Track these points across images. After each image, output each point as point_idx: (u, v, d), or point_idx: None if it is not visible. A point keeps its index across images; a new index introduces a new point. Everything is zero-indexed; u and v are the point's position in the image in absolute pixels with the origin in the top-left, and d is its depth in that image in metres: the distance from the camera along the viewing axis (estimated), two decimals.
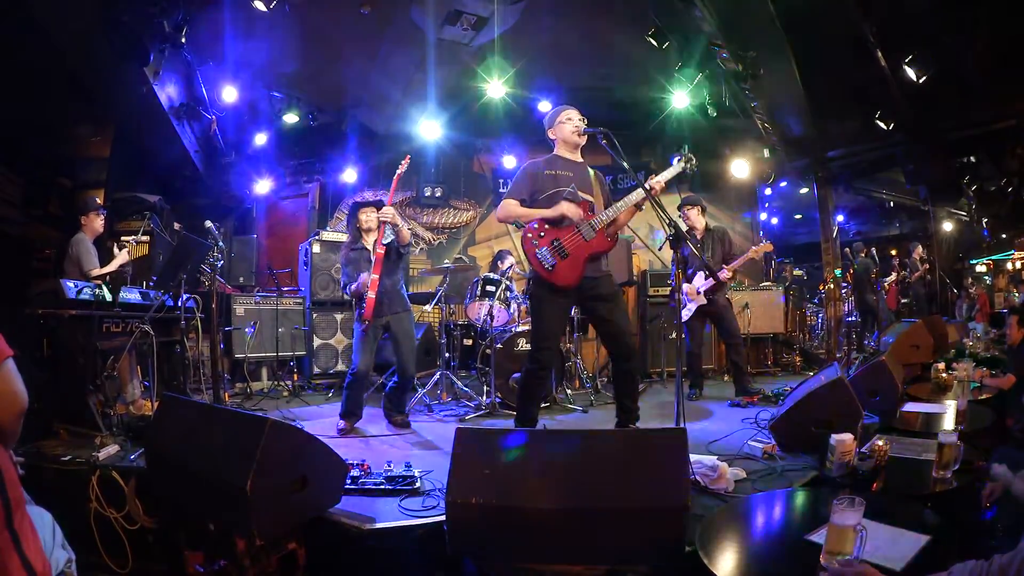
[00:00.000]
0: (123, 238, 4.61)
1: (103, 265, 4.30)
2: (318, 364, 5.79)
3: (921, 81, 5.21)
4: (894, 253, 11.25)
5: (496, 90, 6.14)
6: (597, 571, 1.78)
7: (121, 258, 4.33)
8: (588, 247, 2.96)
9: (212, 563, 2.10)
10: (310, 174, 7.59)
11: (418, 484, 2.45)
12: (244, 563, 1.93)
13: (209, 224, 4.07)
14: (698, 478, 2.29)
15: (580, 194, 3.03)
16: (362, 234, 3.94)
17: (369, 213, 3.93)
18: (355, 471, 2.50)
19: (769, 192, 8.10)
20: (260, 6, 4.56)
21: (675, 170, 3.01)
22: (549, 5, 5.33)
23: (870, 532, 1.37)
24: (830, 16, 5.00)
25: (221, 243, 4.18)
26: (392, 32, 5.58)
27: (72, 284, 3.32)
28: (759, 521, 1.89)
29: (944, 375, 3.55)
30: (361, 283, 3.67)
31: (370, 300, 3.61)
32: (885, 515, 1.61)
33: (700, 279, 4.71)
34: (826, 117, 6.40)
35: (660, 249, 6.90)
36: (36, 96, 5.19)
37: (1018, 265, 10.26)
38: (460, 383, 4.85)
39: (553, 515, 1.74)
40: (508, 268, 5.34)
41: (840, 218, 10.43)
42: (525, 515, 1.76)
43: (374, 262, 3.67)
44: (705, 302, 4.71)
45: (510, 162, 7.28)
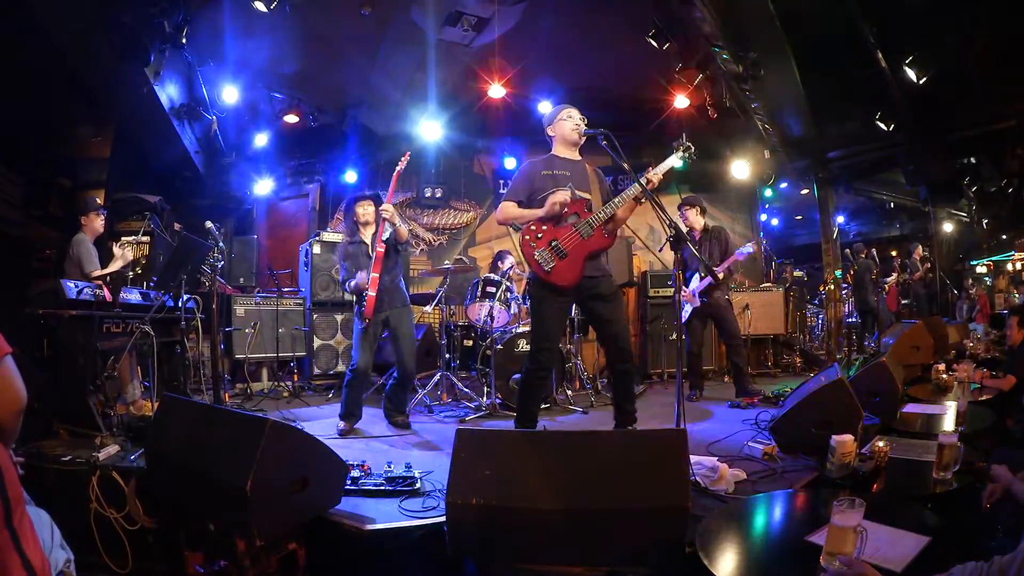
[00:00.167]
0: (123, 238, 4.60)
1: (104, 266, 4.30)
2: (318, 365, 5.79)
3: (921, 81, 5.22)
4: (895, 254, 11.23)
5: (496, 91, 6.14)
6: (597, 572, 1.78)
7: (122, 259, 4.33)
8: (587, 245, 2.95)
9: (212, 563, 2.10)
10: (310, 175, 7.60)
11: (418, 485, 2.44)
12: (244, 563, 1.93)
13: (209, 225, 4.06)
14: (698, 479, 2.29)
15: (578, 193, 3.02)
16: (359, 227, 3.92)
17: (366, 206, 3.91)
18: (355, 472, 2.50)
19: (769, 193, 8.10)
20: (260, 6, 4.57)
21: (672, 161, 3.00)
22: (549, 6, 5.34)
23: (870, 533, 1.37)
24: (830, 16, 5.00)
25: (221, 244, 4.17)
26: (392, 33, 5.59)
27: (72, 284, 3.31)
28: (759, 522, 1.89)
29: (944, 376, 3.54)
30: (360, 281, 3.66)
31: (370, 298, 3.61)
32: (885, 516, 1.61)
33: (696, 281, 4.71)
34: (826, 118, 6.40)
35: (660, 250, 6.90)
36: (36, 96, 5.20)
37: (1018, 266, 10.25)
38: (460, 384, 4.84)
39: (553, 516, 1.74)
40: (508, 269, 5.33)
41: (840, 219, 10.43)
42: (526, 516, 1.76)
43: (374, 260, 3.66)
44: (699, 304, 4.71)
45: (510, 163, 7.29)
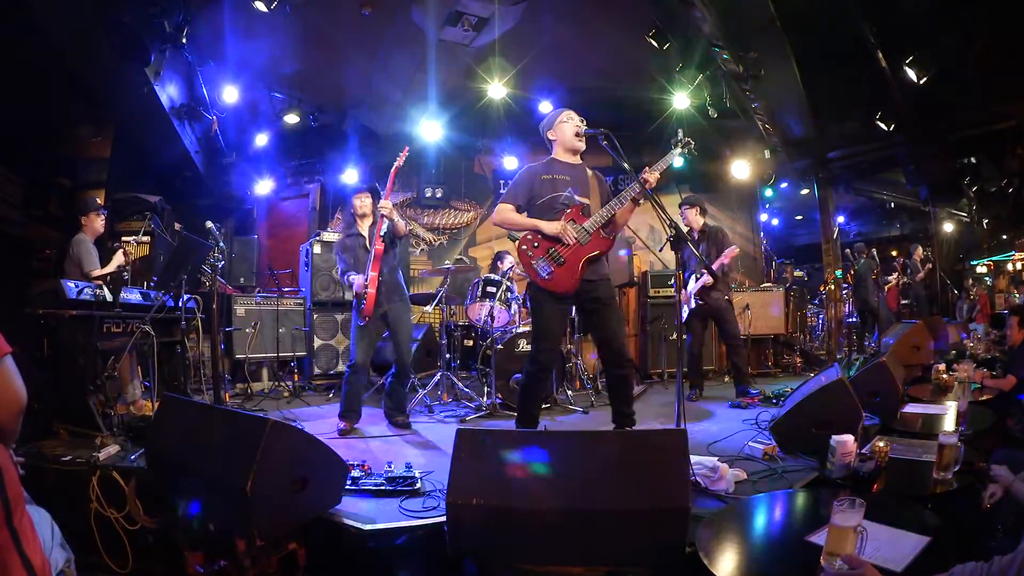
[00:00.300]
0: (123, 239, 4.61)
1: (104, 266, 4.30)
2: (319, 365, 5.79)
3: (921, 82, 5.21)
4: (895, 254, 11.24)
5: (497, 91, 6.15)
6: (598, 572, 1.78)
7: (117, 260, 4.32)
8: (585, 251, 2.93)
9: (212, 563, 2.11)
10: (311, 175, 7.61)
11: (418, 485, 2.44)
12: (244, 563, 1.93)
13: (210, 224, 4.06)
14: (699, 479, 2.28)
15: (577, 198, 3.00)
16: (357, 220, 3.91)
17: (363, 199, 3.90)
18: (355, 472, 2.50)
19: (770, 193, 8.10)
20: (261, 6, 4.57)
21: (670, 158, 2.96)
22: (549, 6, 5.34)
23: (871, 533, 1.37)
24: (830, 16, 5.00)
25: (222, 244, 4.17)
26: (393, 33, 5.59)
27: (72, 284, 3.31)
28: (759, 522, 1.89)
29: (944, 376, 3.54)
30: (359, 285, 3.65)
31: (371, 295, 3.60)
32: (886, 516, 1.61)
33: (692, 282, 4.70)
34: (826, 118, 6.41)
35: (660, 250, 6.90)
36: (36, 96, 5.20)
37: (1019, 266, 10.24)
38: (461, 384, 4.84)
39: (554, 516, 1.74)
40: (508, 269, 5.33)
41: (841, 219, 10.44)
42: (526, 516, 1.76)
43: (372, 258, 3.64)
44: (693, 306, 4.70)
45: (511, 163, 7.29)
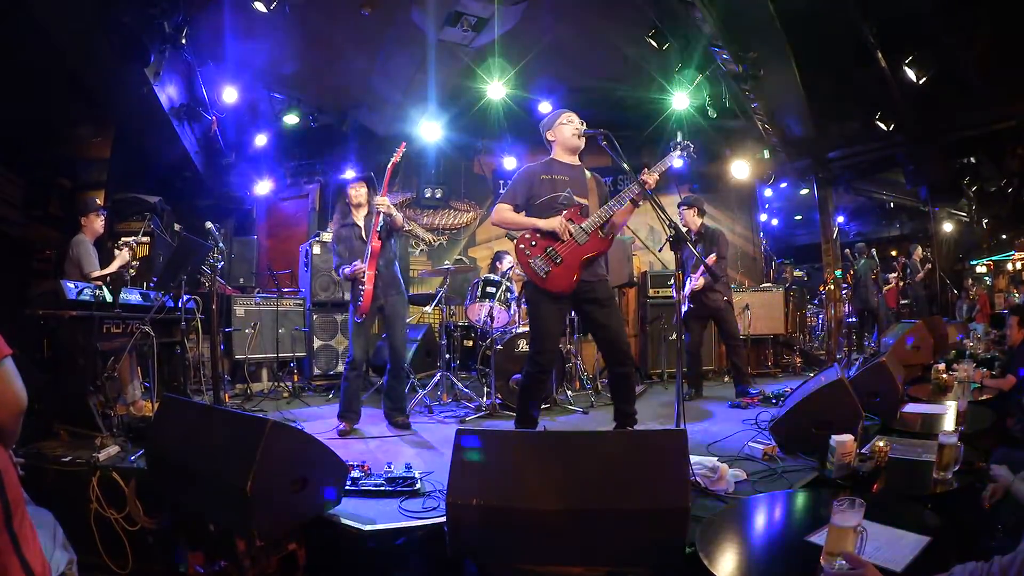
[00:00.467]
0: (123, 239, 4.61)
1: (103, 266, 4.30)
2: (318, 365, 5.79)
3: (921, 82, 5.21)
4: (895, 254, 11.25)
5: (496, 91, 6.14)
6: (597, 572, 1.78)
7: (120, 259, 4.33)
8: (582, 251, 2.93)
9: (212, 564, 2.11)
10: (310, 175, 7.60)
11: (418, 485, 2.44)
12: (244, 564, 1.93)
13: (209, 225, 4.06)
14: (698, 479, 2.29)
15: (576, 199, 3.00)
16: (352, 209, 3.89)
17: (359, 188, 3.88)
18: (355, 472, 2.50)
19: (769, 193, 8.10)
20: (260, 7, 4.56)
21: (669, 160, 2.97)
22: (549, 6, 5.34)
23: (871, 533, 1.37)
24: (830, 16, 5.00)
25: (221, 244, 4.17)
26: (392, 33, 5.59)
27: (72, 285, 3.31)
28: (759, 522, 1.89)
29: (944, 376, 3.54)
30: (355, 270, 3.62)
31: (367, 292, 3.59)
32: (886, 516, 1.61)
33: (688, 284, 4.69)
34: (826, 118, 6.41)
35: (660, 250, 6.90)
36: (36, 96, 5.19)
37: (1018, 266, 10.25)
38: (460, 384, 4.84)
39: (554, 516, 1.74)
40: (508, 269, 5.34)
41: (840, 219, 10.45)
42: (526, 516, 1.76)
43: (370, 255, 3.61)
44: (687, 308, 4.68)
45: (510, 163, 7.29)
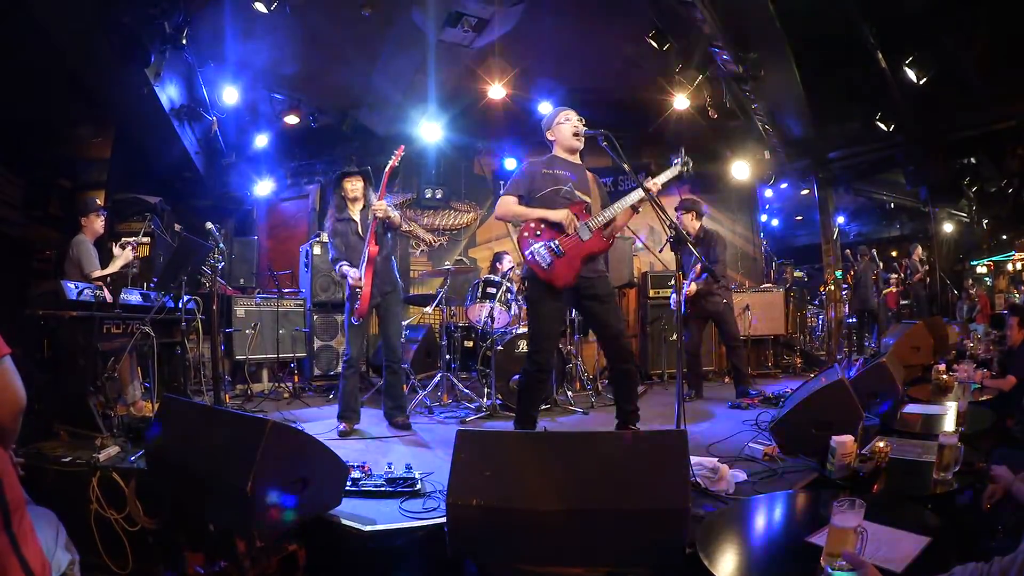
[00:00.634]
0: (124, 239, 4.61)
1: (104, 266, 4.30)
2: (319, 366, 5.79)
3: (921, 82, 5.21)
4: (895, 254, 11.26)
5: (497, 92, 6.14)
6: (597, 573, 1.78)
7: (123, 258, 4.32)
8: (584, 248, 2.95)
9: (212, 564, 2.11)
10: (311, 176, 7.60)
11: (419, 486, 2.44)
12: (244, 564, 1.93)
13: (210, 225, 4.06)
14: (699, 480, 2.29)
15: (578, 194, 3.02)
16: (347, 203, 3.86)
17: (355, 182, 3.85)
18: (356, 473, 2.50)
19: (770, 194, 8.09)
20: (261, 7, 4.56)
21: (672, 172, 3.01)
22: (549, 7, 5.34)
23: (871, 534, 1.36)
24: (830, 17, 5.00)
25: (222, 244, 4.17)
26: (393, 34, 5.59)
27: (72, 285, 3.31)
28: (759, 523, 1.89)
29: (945, 376, 3.54)
30: (353, 280, 3.62)
31: (365, 294, 3.59)
32: (886, 516, 1.60)
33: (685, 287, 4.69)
34: (826, 118, 6.40)
35: (660, 251, 6.90)
36: (36, 96, 5.20)
37: (1019, 266, 10.26)
38: (461, 385, 4.84)
39: (554, 517, 1.74)
40: (508, 270, 5.34)
41: (841, 219, 10.43)
42: (526, 517, 1.75)
43: (367, 260, 3.60)
44: (683, 312, 4.65)
45: (511, 164, 7.29)
